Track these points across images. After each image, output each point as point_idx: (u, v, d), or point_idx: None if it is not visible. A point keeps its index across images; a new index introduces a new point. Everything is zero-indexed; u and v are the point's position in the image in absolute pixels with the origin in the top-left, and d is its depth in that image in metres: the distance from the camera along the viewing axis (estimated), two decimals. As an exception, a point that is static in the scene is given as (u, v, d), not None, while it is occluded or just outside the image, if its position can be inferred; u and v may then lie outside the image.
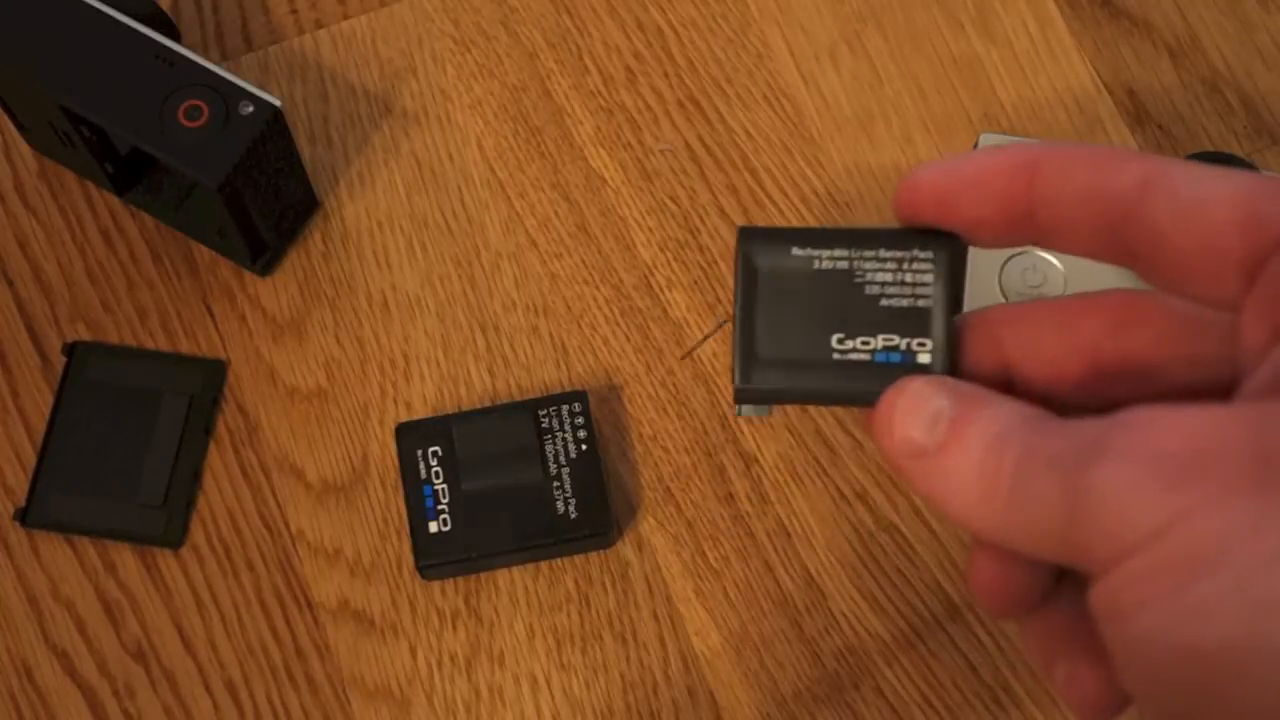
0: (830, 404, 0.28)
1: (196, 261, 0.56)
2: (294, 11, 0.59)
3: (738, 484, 0.52)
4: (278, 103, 0.50)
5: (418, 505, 0.50)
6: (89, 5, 0.51)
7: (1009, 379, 0.28)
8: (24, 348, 0.54)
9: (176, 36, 0.56)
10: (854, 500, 0.52)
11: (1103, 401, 0.27)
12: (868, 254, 0.28)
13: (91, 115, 0.50)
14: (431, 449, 0.50)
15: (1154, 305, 0.27)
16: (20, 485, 0.52)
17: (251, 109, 0.49)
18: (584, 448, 0.50)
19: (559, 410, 0.51)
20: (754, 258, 0.28)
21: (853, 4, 0.59)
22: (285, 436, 0.53)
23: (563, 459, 0.50)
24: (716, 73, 0.58)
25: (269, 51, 0.58)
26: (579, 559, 0.51)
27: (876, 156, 0.57)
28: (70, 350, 0.54)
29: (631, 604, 0.51)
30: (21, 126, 0.56)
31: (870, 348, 0.28)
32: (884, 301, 0.28)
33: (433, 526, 0.50)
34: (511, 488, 0.50)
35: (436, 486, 0.50)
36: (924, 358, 0.28)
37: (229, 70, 0.51)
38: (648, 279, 0.55)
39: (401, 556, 0.52)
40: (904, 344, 0.28)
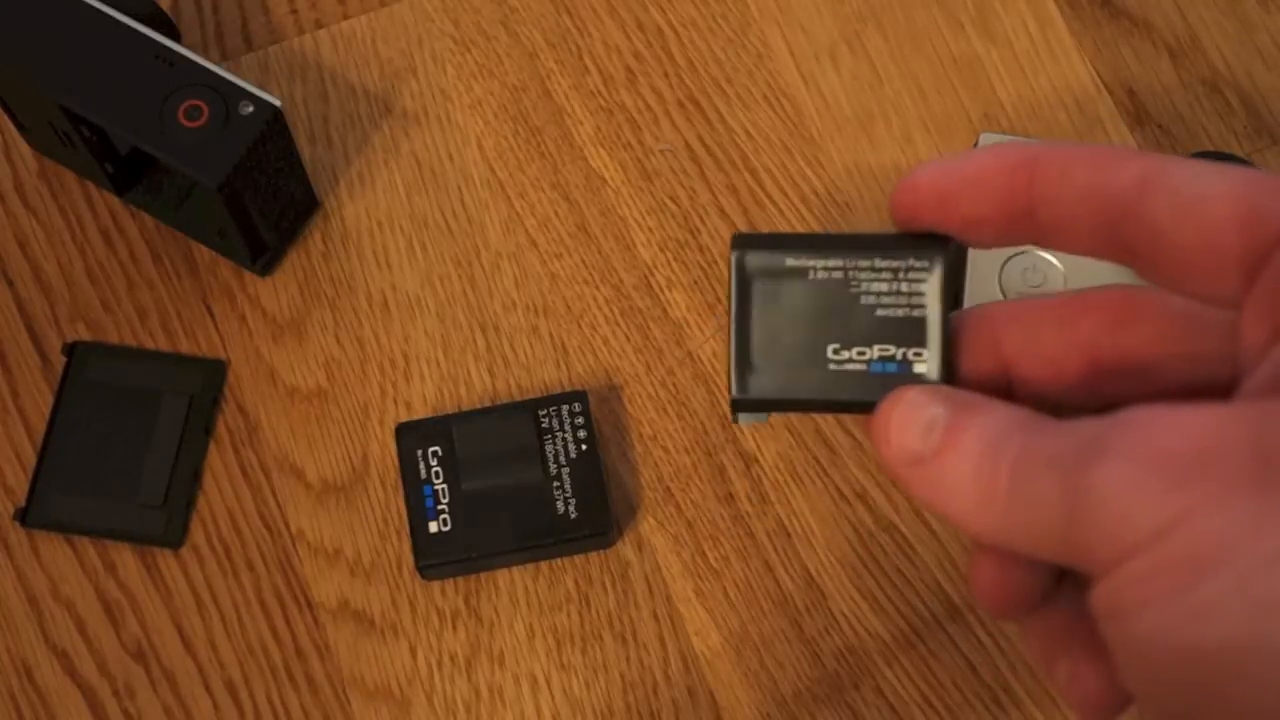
0: (827, 412, 0.28)
1: (196, 261, 0.55)
2: (294, 11, 0.59)
3: (738, 484, 0.52)
4: (278, 103, 0.50)
5: (418, 505, 0.50)
6: (89, 5, 0.51)
7: (1008, 379, 0.28)
8: (24, 348, 0.54)
9: (176, 36, 0.56)
10: (854, 500, 0.52)
11: (1102, 399, 0.27)
12: (863, 263, 0.28)
13: (91, 115, 0.50)
14: (431, 449, 0.50)
15: (1153, 303, 0.27)
16: (20, 485, 0.52)
17: (251, 109, 0.49)
18: (584, 448, 0.50)
19: (559, 410, 0.51)
20: (748, 266, 0.28)
21: (853, 4, 0.59)
22: (285, 436, 0.53)
23: (563, 459, 0.50)
24: (716, 73, 0.58)
25: (269, 51, 0.58)
26: (579, 559, 0.51)
27: (876, 156, 0.57)
28: (70, 350, 0.54)
29: (631, 604, 0.51)
30: (21, 126, 0.56)
31: (866, 358, 0.28)
32: (880, 311, 0.28)
33: (433, 526, 0.50)
34: (511, 488, 0.50)
35: (436, 486, 0.50)
36: (920, 367, 0.28)
37: (229, 70, 0.51)
38: (648, 279, 0.55)
39: (401, 556, 0.52)
40: (900, 354, 0.28)
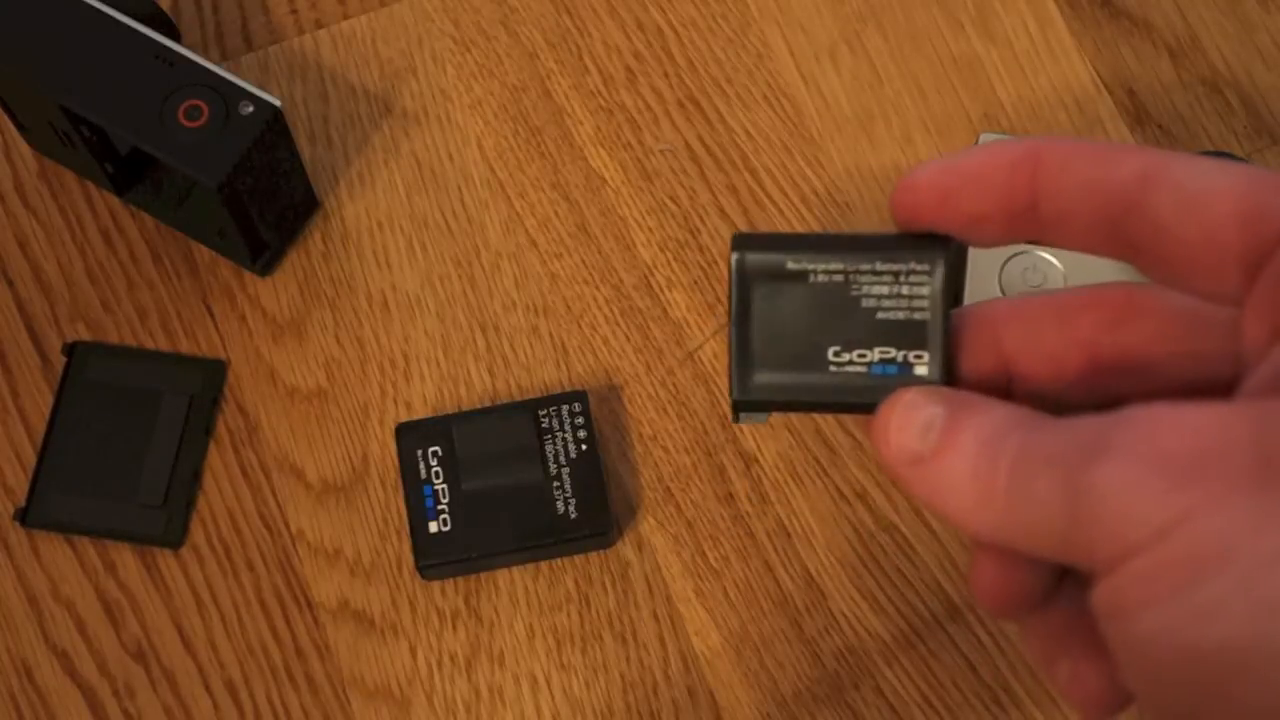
0: (828, 413, 0.28)
1: (196, 261, 0.55)
2: (294, 11, 0.59)
3: (738, 484, 0.52)
4: (278, 103, 0.50)
5: (418, 505, 0.50)
6: (89, 5, 0.51)
7: (1008, 377, 0.28)
8: (24, 348, 0.54)
9: (176, 36, 0.56)
10: (854, 500, 0.52)
11: (1102, 397, 0.27)
12: (864, 266, 0.28)
13: (91, 115, 0.50)
14: (431, 449, 0.50)
15: (1154, 300, 0.27)
16: (20, 485, 0.52)
17: (251, 109, 0.49)
18: (584, 448, 0.50)
19: (559, 410, 0.51)
20: (748, 266, 0.28)
21: (853, 4, 0.59)
22: (285, 436, 0.53)
23: (563, 459, 0.50)
24: (716, 73, 0.58)
25: (269, 51, 0.58)
26: (579, 559, 0.51)
27: (876, 156, 0.57)
28: (70, 350, 0.54)
29: (631, 604, 0.51)
30: (21, 126, 0.56)
31: (867, 360, 0.28)
32: (881, 314, 0.28)
33: (433, 526, 0.50)
34: (511, 488, 0.50)
35: (436, 486, 0.50)
36: (921, 369, 0.28)
37: (229, 70, 0.51)
38: (648, 279, 0.55)
39: (401, 556, 0.52)
40: (900, 356, 0.28)
